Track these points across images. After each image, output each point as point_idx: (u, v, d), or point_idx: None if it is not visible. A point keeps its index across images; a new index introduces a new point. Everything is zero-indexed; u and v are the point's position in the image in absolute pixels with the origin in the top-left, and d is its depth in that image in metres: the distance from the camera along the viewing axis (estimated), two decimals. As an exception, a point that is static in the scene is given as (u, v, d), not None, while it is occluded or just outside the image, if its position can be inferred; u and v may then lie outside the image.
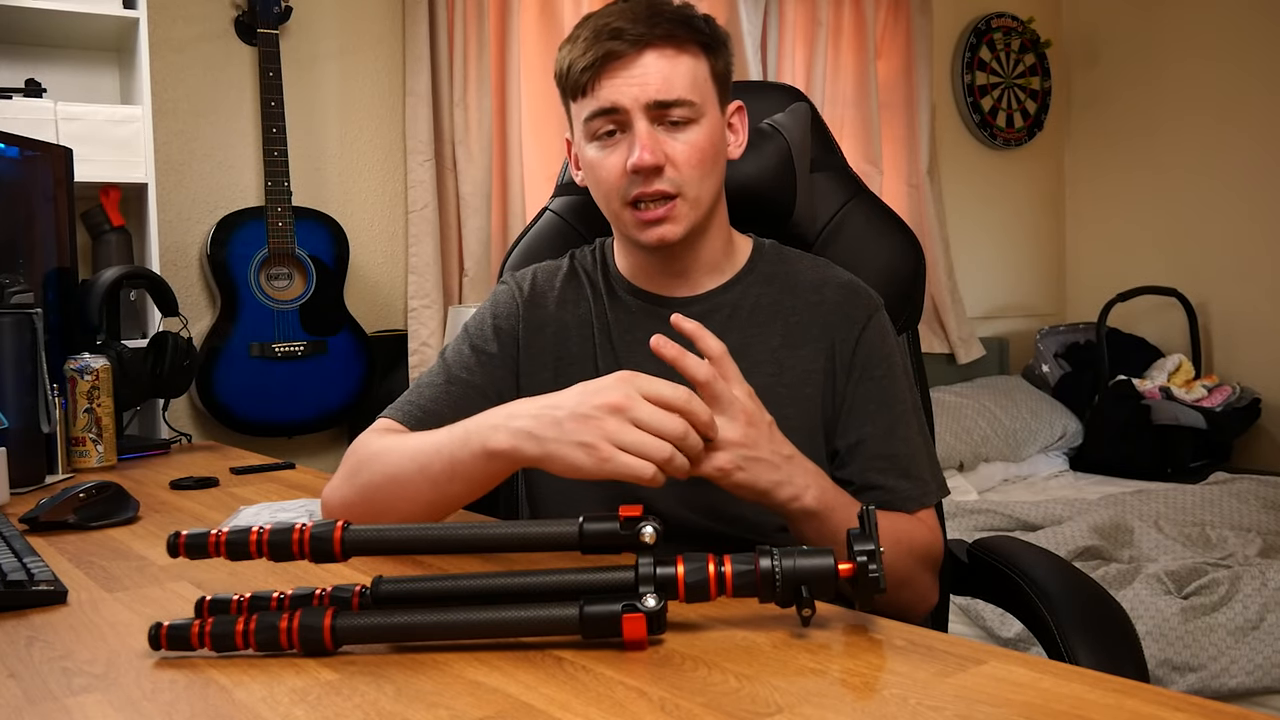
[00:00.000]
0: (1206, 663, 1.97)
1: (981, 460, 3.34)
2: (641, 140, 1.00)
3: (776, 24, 3.31)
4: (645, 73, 1.00)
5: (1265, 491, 2.82)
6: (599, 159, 1.04)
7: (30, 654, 0.72)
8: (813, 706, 0.59)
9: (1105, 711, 0.57)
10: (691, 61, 1.02)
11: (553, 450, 0.84)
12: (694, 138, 1.02)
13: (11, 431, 1.35)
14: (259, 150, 2.43)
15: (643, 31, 1.00)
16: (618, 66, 1.00)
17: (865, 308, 1.09)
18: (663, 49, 1.00)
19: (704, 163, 1.03)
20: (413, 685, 0.65)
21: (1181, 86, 4.01)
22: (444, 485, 0.93)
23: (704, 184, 1.04)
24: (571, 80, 1.03)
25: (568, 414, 0.83)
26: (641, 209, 1.02)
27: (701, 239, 1.08)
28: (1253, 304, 3.86)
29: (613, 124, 1.02)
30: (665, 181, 1.01)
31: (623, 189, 1.03)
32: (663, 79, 1.00)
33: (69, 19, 2.07)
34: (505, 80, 2.78)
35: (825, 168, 1.31)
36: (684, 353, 0.86)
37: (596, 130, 1.03)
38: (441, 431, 0.94)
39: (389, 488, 0.96)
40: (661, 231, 1.03)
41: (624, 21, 1.00)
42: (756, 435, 0.87)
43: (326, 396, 2.42)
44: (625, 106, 1.00)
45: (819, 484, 0.92)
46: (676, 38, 1.01)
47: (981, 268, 4.02)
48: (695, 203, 1.03)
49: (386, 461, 0.97)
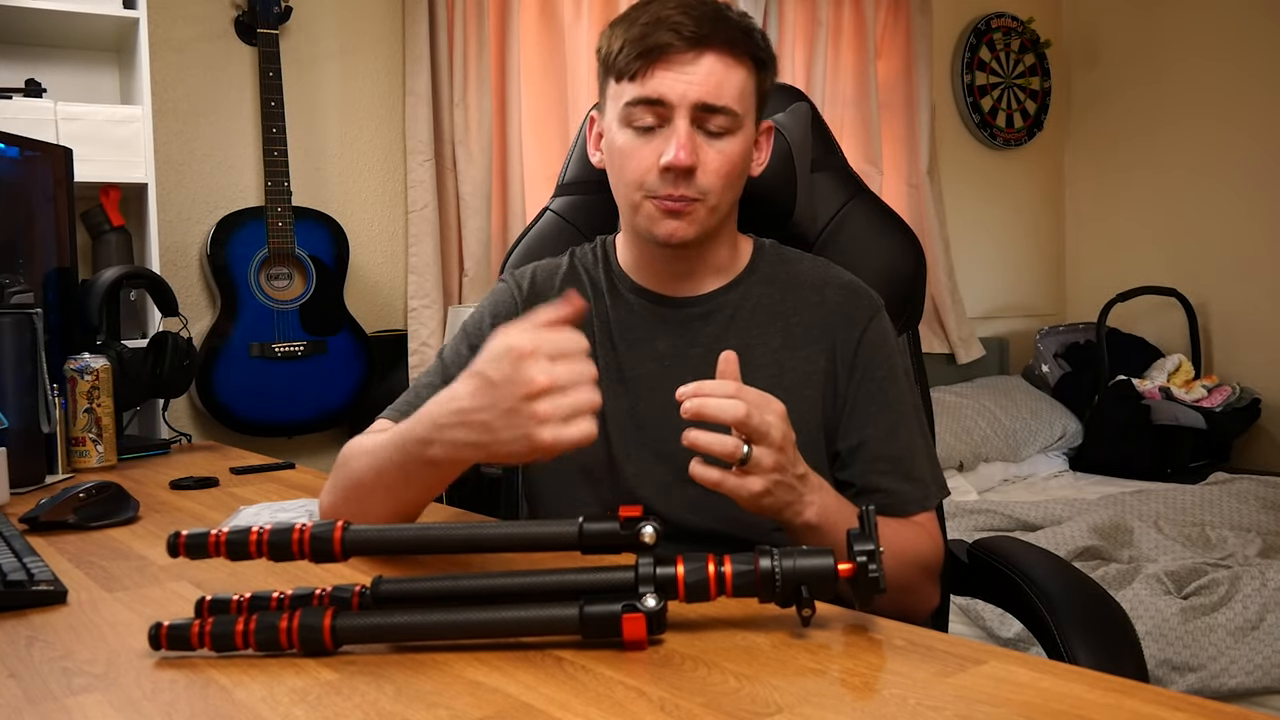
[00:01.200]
0: (1206, 663, 1.97)
1: (981, 460, 3.34)
2: (680, 140, 0.98)
3: (776, 24, 3.31)
4: (699, 73, 0.99)
5: (1265, 491, 2.82)
6: (631, 147, 1.02)
7: (30, 654, 0.72)
8: (813, 706, 0.59)
9: (1105, 711, 0.57)
10: (744, 73, 1.02)
11: (497, 450, 0.81)
12: (729, 148, 1.01)
13: (11, 431, 1.35)
14: (259, 150, 2.43)
15: (706, 32, 0.98)
16: (673, 60, 0.99)
17: (867, 309, 1.09)
18: (721, 55, 0.99)
19: (732, 174, 1.02)
20: (413, 685, 0.65)
21: (1182, 87, 4.00)
22: (400, 492, 0.93)
23: (726, 195, 1.03)
24: (620, 61, 1.01)
25: (493, 415, 0.79)
26: (661, 200, 1.01)
27: (710, 243, 1.08)
28: (1253, 304, 3.86)
29: (654, 116, 1.00)
30: (692, 186, 1.00)
31: (649, 183, 1.01)
32: (715, 83, 0.99)
33: (69, 19, 2.07)
34: (505, 80, 2.78)
35: (826, 167, 1.31)
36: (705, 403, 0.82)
37: (635, 118, 1.01)
38: (387, 437, 0.92)
39: (357, 492, 0.96)
40: (675, 227, 1.02)
41: (688, 18, 0.98)
42: (784, 460, 0.86)
43: (326, 396, 2.42)
44: (672, 101, 0.99)
45: (822, 499, 0.91)
46: (736, 47, 1.00)
47: (981, 268, 4.02)
48: (714, 211, 1.03)
49: (352, 467, 0.97)
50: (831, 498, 0.93)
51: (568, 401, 0.77)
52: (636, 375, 1.08)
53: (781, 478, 0.86)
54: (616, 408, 1.07)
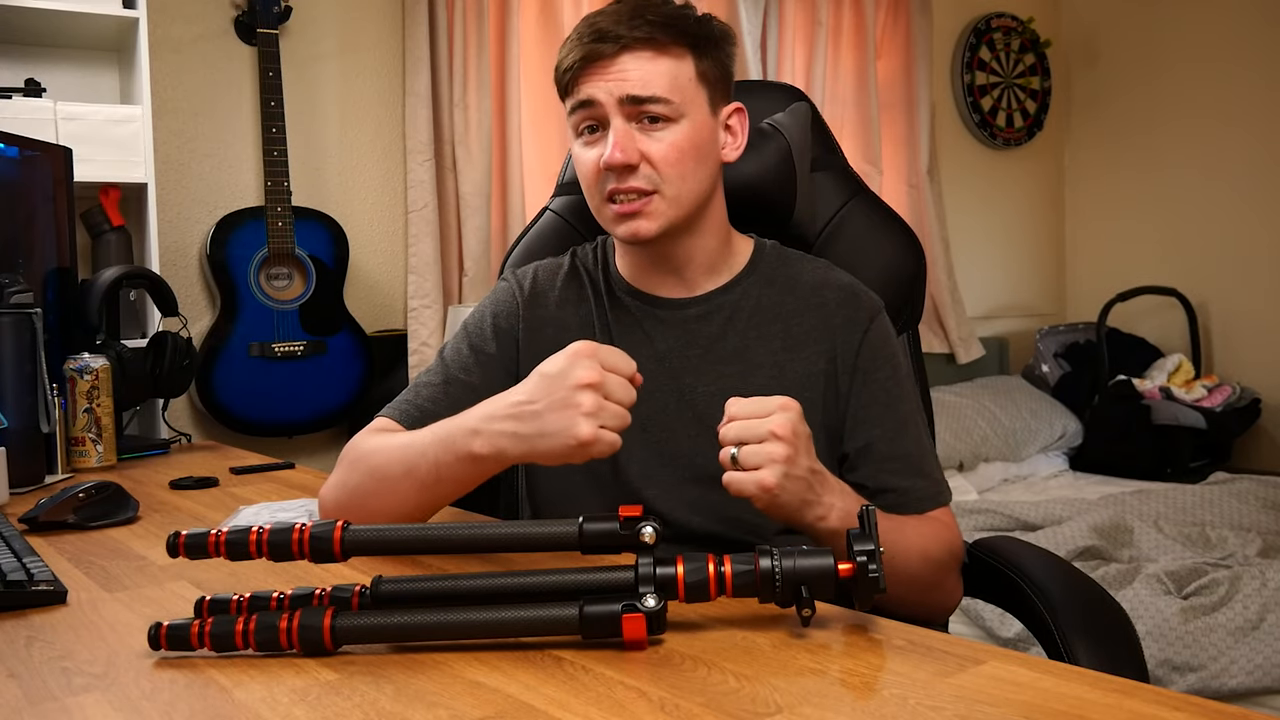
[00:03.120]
0: (1206, 663, 1.97)
1: (981, 460, 3.34)
2: (614, 137, 1.01)
3: (776, 24, 3.31)
4: (622, 70, 1.01)
5: (1265, 491, 2.82)
6: (581, 154, 1.06)
7: (30, 654, 0.72)
8: (812, 706, 0.59)
9: (1105, 711, 0.57)
10: (672, 63, 1.02)
11: (537, 445, 0.85)
12: (672, 137, 1.02)
13: (11, 431, 1.35)
14: (259, 150, 2.43)
15: (622, 33, 1.01)
16: (598, 65, 1.02)
17: (867, 311, 1.09)
18: (640, 51, 1.01)
19: (683, 162, 1.03)
20: (412, 685, 0.65)
21: (1181, 86, 4.01)
22: (432, 487, 0.94)
23: (685, 183, 1.03)
24: (562, 80, 1.05)
25: (545, 405, 0.84)
26: (618, 203, 1.03)
27: (690, 238, 1.08)
28: (1253, 304, 3.86)
29: (592, 119, 1.03)
30: (641, 179, 1.02)
31: (601, 184, 1.04)
32: (639, 77, 1.01)
33: (69, 19, 2.07)
34: (505, 80, 2.78)
35: (826, 167, 1.31)
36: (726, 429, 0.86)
37: (579, 125, 1.05)
38: (425, 432, 0.95)
39: (378, 488, 0.97)
40: (635, 226, 1.03)
41: (609, 23, 1.02)
42: (794, 452, 0.85)
43: (326, 396, 2.42)
44: (600, 101, 1.01)
45: (844, 503, 0.90)
46: (657, 40, 1.02)
47: (981, 268, 4.02)
48: (674, 201, 1.03)
49: (374, 463, 0.98)
50: (853, 502, 0.91)
51: (613, 407, 0.83)
52: None
53: (793, 470, 0.84)
54: None
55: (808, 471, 0.86)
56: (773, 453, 0.84)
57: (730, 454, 0.85)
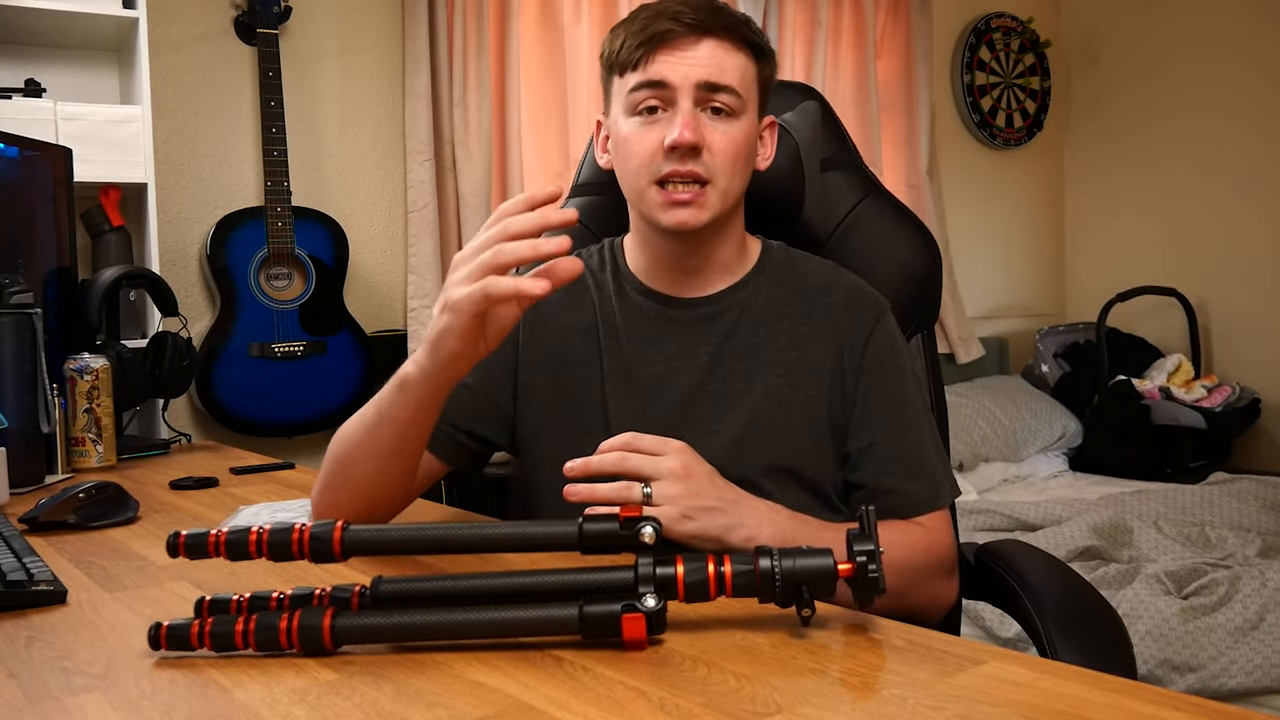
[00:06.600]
0: (1206, 663, 1.97)
1: (981, 460, 3.34)
2: (684, 118, 1.00)
3: (776, 24, 3.31)
4: (699, 55, 1.01)
5: (1265, 491, 2.83)
6: (635, 134, 1.03)
7: (30, 654, 0.72)
8: (812, 706, 0.59)
9: (1104, 711, 0.57)
10: (744, 60, 1.04)
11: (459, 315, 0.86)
12: (734, 130, 1.03)
13: (11, 431, 1.35)
14: (259, 150, 2.43)
15: (704, 19, 1.01)
16: (673, 45, 1.01)
17: (873, 311, 1.09)
18: (721, 40, 1.02)
19: (739, 156, 1.03)
20: (412, 685, 0.65)
21: (1181, 86, 4.01)
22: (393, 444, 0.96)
23: (734, 179, 1.04)
24: (623, 54, 1.03)
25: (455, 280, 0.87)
26: (670, 189, 1.02)
27: (719, 237, 1.08)
28: (1253, 304, 3.86)
29: (657, 99, 1.02)
30: (699, 164, 1.01)
31: (655, 165, 1.02)
32: (717, 64, 1.01)
33: (69, 19, 2.07)
34: (505, 80, 2.78)
35: (839, 166, 1.29)
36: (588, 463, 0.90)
37: (639, 103, 1.03)
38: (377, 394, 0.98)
39: (347, 465, 0.99)
40: (685, 215, 1.02)
41: (686, 8, 1.02)
42: (696, 486, 0.90)
43: (326, 396, 2.42)
44: (674, 83, 1.01)
45: (773, 519, 0.93)
46: (734, 34, 1.03)
47: (981, 268, 4.02)
48: (724, 195, 1.03)
49: (342, 441, 1.00)
50: (789, 519, 0.94)
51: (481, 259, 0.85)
52: (644, 376, 1.08)
53: (698, 503, 0.89)
54: (624, 408, 1.07)
55: (717, 500, 0.91)
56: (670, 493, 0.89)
57: (644, 491, 0.89)
